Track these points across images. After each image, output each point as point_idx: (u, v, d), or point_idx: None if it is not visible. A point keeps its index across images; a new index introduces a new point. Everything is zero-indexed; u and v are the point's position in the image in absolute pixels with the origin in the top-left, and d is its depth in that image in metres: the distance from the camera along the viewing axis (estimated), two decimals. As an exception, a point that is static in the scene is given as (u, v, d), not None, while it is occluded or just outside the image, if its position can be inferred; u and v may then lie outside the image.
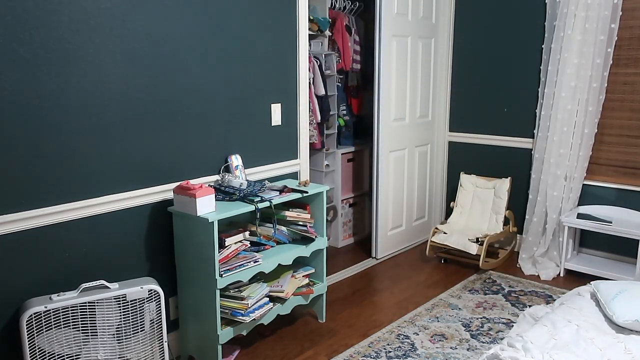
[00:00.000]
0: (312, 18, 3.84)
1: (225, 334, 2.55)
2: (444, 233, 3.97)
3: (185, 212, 2.46)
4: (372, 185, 4.11)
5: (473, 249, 3.77)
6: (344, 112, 4.48)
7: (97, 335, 2.16)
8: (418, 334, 2.99)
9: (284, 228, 2.87)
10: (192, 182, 2.61)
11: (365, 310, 3.28)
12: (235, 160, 2.89)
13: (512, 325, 2.80)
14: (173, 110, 2.63)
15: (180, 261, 2.64)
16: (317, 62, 3.91)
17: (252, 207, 2.55)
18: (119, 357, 2.22)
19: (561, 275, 3.79)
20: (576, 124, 3.72)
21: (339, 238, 4.42)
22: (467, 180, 4.26)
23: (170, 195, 2.62)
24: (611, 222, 3.57)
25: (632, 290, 2.28)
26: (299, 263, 2.96)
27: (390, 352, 2.81)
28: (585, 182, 3.84)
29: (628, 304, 2.18)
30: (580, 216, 3.71)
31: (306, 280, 3.00)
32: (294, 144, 3.31)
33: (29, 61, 2.10)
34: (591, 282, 2.47)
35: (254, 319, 2.60)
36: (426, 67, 4.31)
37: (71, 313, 2.10)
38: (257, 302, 2.64)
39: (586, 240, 3.95)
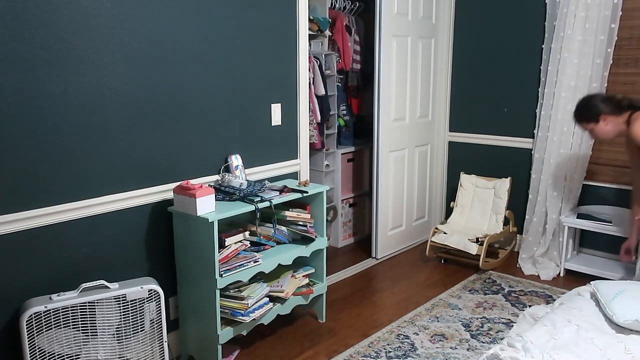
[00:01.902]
0: (312, 18, 3.84)
1: (225, 333, 2.55)
2: (444, 233, 3.97)
3: (185, 212, 2.47)
4: (372, 185, 4.11)
5: (473, 249, 3.77)
6: (344, 112, 4.48)
7: (97, 335, 2.16)
8: (418, 334, 2.99)
9: (284, 228, 2.87)
10: (192, 182, 2.61)
11: (365, 310, 3.28)
12: (235, 160, 2.89)
13: (512, 325, 2.80)
14: (173, 110, 2.63)
15: (180, 261, 2.64)
16: (317, 62, 3.91)
17: (252, 207, 2.55)
18: (119, 357, 2.22)
19: (561, 275, 3.79)
20: (576, 124, 3.72)
21: (339, 238, 4.42)
22: (467, 180, 4.26)
23: (170, 195, 2.62)
24: (611, 222, 3.57)
25: (632, 290, 2.28)
26: (299, 263, 2.96)
27: (390, 352, 2.81)
28: (585, 182, 3.84)
29: (628, 304, 2.18)
30: (580, 216, 3.71)
31: (306, 280, 3.00)
32: (294, 144, 3.31)
33: (29, 61, 2.10)
34: (591, 282, 2.47)
35: (254, 319, 2.60)
36: (426, 67, 4.31)
37: (71, 313, 2.10)
38: (257, 302, 2.64)
39: (586, 240, 3.95)
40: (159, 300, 2.30)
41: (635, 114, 2.87)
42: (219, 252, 2.46)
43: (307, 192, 2.82)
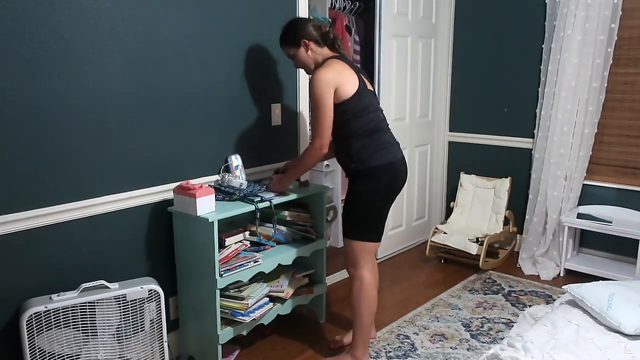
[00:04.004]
0: (312, 18, 3.83)
1: (225, 334, 2.55)
2: (444, 233, 3.97)
3: (185, 212, 2.46)
4: (372, 185, 4.10)
5: (473, 249, 3.77)
6: (344, 112, 4.47)
7: (97, 335, 2.16)
8: (418, 334, 2.99)
9: (284, 228, 2.87)
10: (192, 182, 2.60)
11: (365, 310, 3.28)
12: (235, 160, 2.89)
13: (512, 325, 2.80)
14: (173, 110, 2.63)
15: (180, 261, 2.64)
16: (317, 62, 3.91)
17: (252, 207, 2.55)
18: (119, 357, 2.22)
19: (561, 275, 3.79)
20: (576, 124, 3.72)
21: (339, 238, 4.42)
22: (467, 180, 4.26)
23: (170, 195, 2.62)
24: (611, 222, 3.58)
25: (620, 292, 2.20)
26: (299, 263, 2.96)
27: (390, 352, 2.81)
28: (585, 182, 3.84)
29: (630, 310, 2.09)
30: (580, 216, 3.71)
31: (306, 280, 2.99)
32: (294, 144, 3.31)
33: (29, 61, 2.10)
34: (564, 287, 2.36)
35: (254, 319, 2.60)
36: (426, 67, 4.31)
37: (71, 313, 2.10)
38: (257, 302, 2.64)
39: (586, 240, 3.95)
40: (159, 300, 2.30)
41: (329, 60, 2.52)
42: (219, 252, 2.46)
43: (307, 193, 2.82)
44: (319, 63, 2.57)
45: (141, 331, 2.27)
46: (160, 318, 2.32)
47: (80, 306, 2.12)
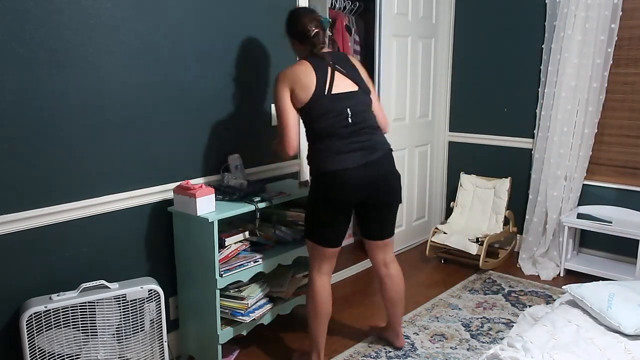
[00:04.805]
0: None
1: (225, 334, 2.55)
2: (444, 233, 3.97)
3: (185, 212, 2.47)
4: (372, 185, 4.10)
5: (473, 249, 3.77)
6: (344, 112, 4.47)
7: (97, 335, 2.16)
8: (418, 334, 2.99)
9: (284, 228, 2.87)
10: (192, 182, 2.61)
11: (366, 310, 3.28)
12: (235, 160, 2.89)
13: (512, 325, 2.80)
14: (173, 109, 2.63)
15: (180, 261, 2.64)
16: (317, 62, 3.91)
17: (252, 207, 2.55)
18: (119, 357, 2.22)
19: (561, 275, 3.79)
20: (576, 124, 3.72)
21: (339, 238, 4.42)
22: (467, 180, 4.26)
23: (170, 195, 2.62)
24: (611, 222, 3.57)
25: (620, 292, 2.20)
26: (299, 263, 2.96)
27: (390, 352, 2.81)
28: (585, 182, 3.84)
29: (630, 311, 2.08)
30: (580, 216, 3.71)
31: (306, 280, 2.99)
32: (294, 144, 3.31)
33: (29, 61, 2.10)
34: (564, 287, 2.36)
35: (254, 319, 2.60)
36: (426, 67, 4.31)
37: (71, 313, 2.10)
38: (257, 302, 2.64)
39: (586, 240, 3.95)
40: (159, 300, 2.30)
41: (299, 61, 2.46)
42: (219, 252, 2.46)
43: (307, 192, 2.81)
44: (301, 58, 2.53)
45: (141, 331, 2.27)
46: (160, 318, 2.32)
47: (80, 306, 2.12)
